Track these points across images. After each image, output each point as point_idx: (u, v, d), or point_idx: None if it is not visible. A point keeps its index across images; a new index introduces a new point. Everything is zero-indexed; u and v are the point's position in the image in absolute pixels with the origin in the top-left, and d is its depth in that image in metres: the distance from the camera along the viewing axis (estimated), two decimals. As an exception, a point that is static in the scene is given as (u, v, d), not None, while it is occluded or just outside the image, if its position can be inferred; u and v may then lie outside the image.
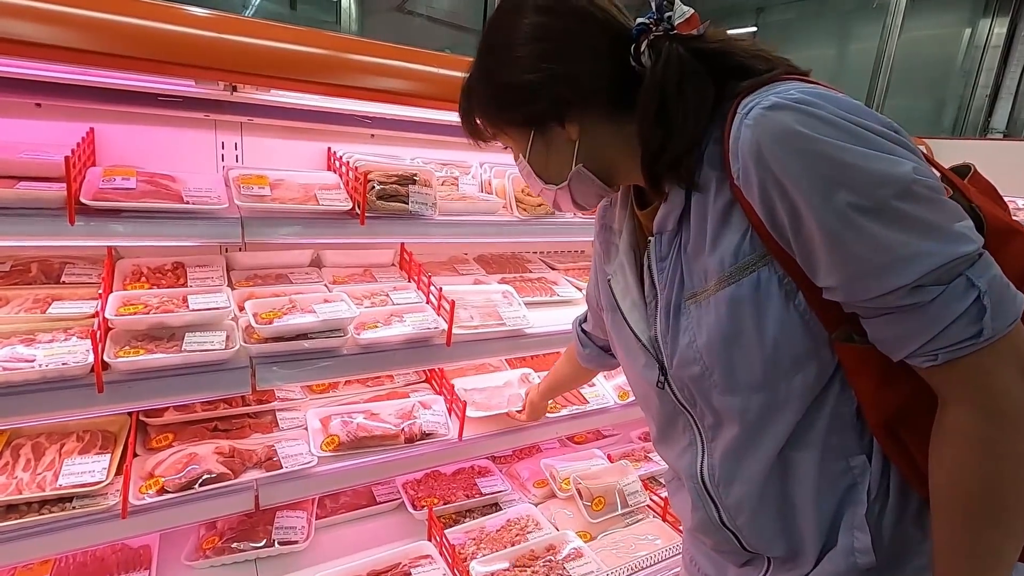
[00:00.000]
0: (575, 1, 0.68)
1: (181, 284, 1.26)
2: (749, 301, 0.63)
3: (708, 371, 0.69)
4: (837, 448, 0.69)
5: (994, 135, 4.26)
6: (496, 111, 0.75)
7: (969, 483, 0.59)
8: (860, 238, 0.54)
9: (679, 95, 0.62)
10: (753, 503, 0.74)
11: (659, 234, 0.72)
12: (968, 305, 0.53)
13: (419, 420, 1.36)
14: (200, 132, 1.39)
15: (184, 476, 1.10)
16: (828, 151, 0.54)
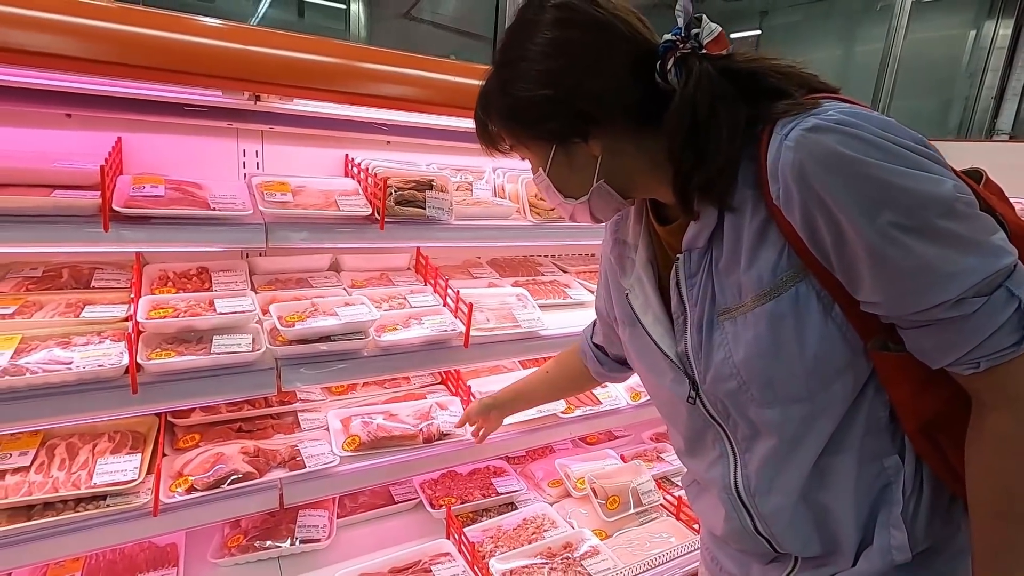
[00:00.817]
0: (597, 13, 0.67)
1: (206, 288, 1.29)
2: (789, 316, 0.65)
3: (745, 386, 0.70)
4: (872, 451, 0.71)
5: (1000, 135, 4.26)
6: (516, 125, 0.74)
7: (1008, 485, 0.61)
8: (905, 257, 0.56)
9: (712, 117, 0.62)
10: (790, 511, 0.75)
11: (689, 251, 0.72)
12: (1010, 315, 0.56)
13: (437, 420, 1.39)
14: (223, 140, 1.43)
15: (212, 475, 1.13)
16: (872, 172, 0.55)
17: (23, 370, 0.94)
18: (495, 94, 0.73)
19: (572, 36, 0.67)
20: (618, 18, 0.67)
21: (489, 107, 0.75)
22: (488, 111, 0.76)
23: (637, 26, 0.68)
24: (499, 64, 0.73)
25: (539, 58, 0.68)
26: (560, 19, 0.67)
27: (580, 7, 0.67)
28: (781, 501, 0.74)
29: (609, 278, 0.94)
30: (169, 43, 1.05)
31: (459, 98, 1.35)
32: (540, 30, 0.68)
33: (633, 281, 0.84)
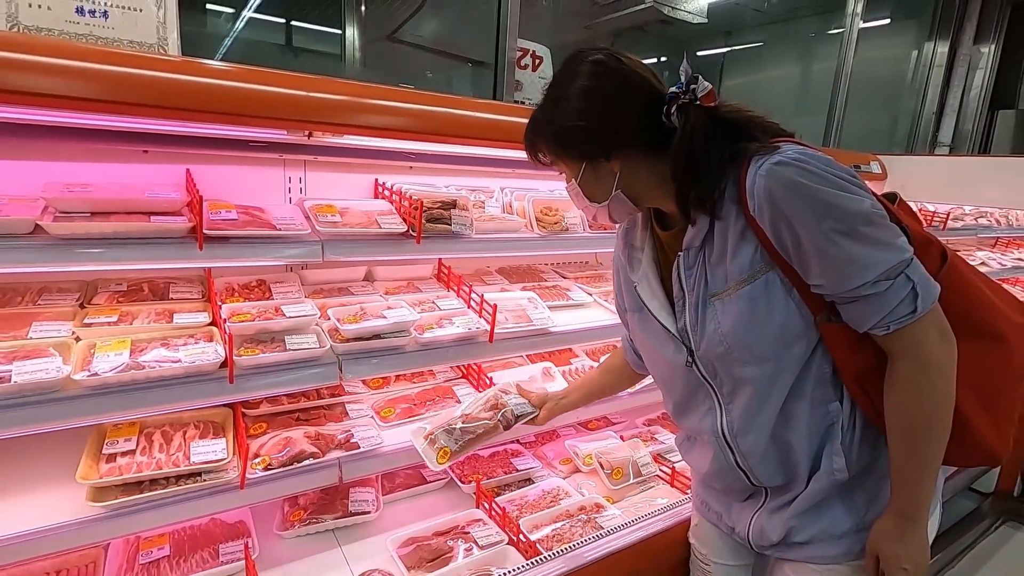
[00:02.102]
0: (620, 69, 0.91)
1: (267, 297, 1.50)
2: (762, 296, 0.91)
3: (730, 350, 0.95)
4: (820, 398, 0.97)
5: (941, 148, 4.70)
6: (557, 146, 0.98)
7: (910, 413, 0.88)
8: (840, 252, 0.82)
9: (704, 153, 0.88)
10: (762, 446, 1.01)
11: (687, 249, 0.98)
12: (907, 292, 0.82)
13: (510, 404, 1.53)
14: (272, 169, 1.64)
15: (285, 455, 1.33)
16: (818, 195, 0.82)
17: (142, 366, 1.14)
18: (543, 123, 0.98)
19: (602, 85, 0.91)
20: (636, 72, 0.92)
21: (537, 131, 1.00)
22: (536, 133, 1.00)
23: (650, 78, 0.92)
24: (547, 100, 0.98)
25: (577, 98, 0.92)
26: (594, 72, 0.91)
27: (610, 63, 0.91)
28: (756, 439, 1.00)
29: (621, 276, 1.18)
30: (245, 92, 1.26)
31: (473, 130, 1.60)
32: (579, 78, 0.92)
33: (641, 275, 1.09)
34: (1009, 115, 4.92)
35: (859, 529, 1.00)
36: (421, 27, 6.98)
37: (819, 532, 1.02)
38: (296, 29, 5.81)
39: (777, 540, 1.07)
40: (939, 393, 0.86)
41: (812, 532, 1.02)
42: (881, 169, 2.99)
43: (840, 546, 1.01)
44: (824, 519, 1.01)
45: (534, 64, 2.51)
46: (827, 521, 1.01)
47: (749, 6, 5.53)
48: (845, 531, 1.01)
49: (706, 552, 1.30)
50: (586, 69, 0.92)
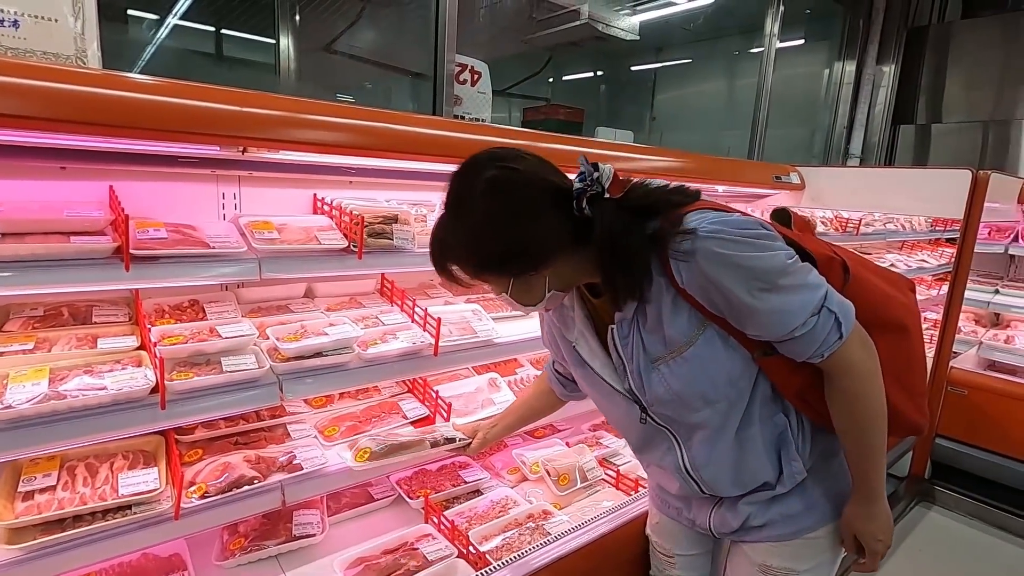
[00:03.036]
0: (520, 180, 0.88)
1: (201, 318, 1.44)
2: (706, 352, 0.97)
3: (683, 403, 1.01)
4: (767, 416, 1.05)
5: (852, 159, 5.10)
6: (478, 272, 0.95)
7: (854, 416, 0.98)
8: (768, 307, 0.89)
9: (626, 246, 0.90)
10: (724, 474, 1.08)
11: (620, 323, 1.02)
12: (832, 323, 0.91)
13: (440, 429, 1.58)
14: (204, 185, 1.59)
15: (223, 481, 1.29)
16: (737, 261, 0.88)
17: (63, 395, 1.08)
18: (457, 249, 0.94)
19: (509, 205, 0.88)
20: (536, 176, 0.90)
21: (451, 256, 0.95)
22: (450, 259, 0.95)
23: (551, 177, 0.92)
24: (454, 222, 0.93)
25: (488, 225, 0.88)
26: (496, 192, 0.88)
27: (507, 178, 0.88)
28: (717, 469, 1.08)
29: (553, 331, 1.21)
30: (176, 107, 1.22)
31: (414, 145, 1.60)
32: (482, 201, 0.88)
33: (577, 335, 1.11)
34: (909, 129, 5.39)
35: (808, 507, 1.10)
36: (359, 38, 6.91)
37: (774, 515, 1.11)
38: (227, 38, 5.62)
39: (737, 527, 1.15)
40: (873, 394, 0.97)
41: (768, 517, 1.11)
42: (800, 179, 3.21)
43: (792, 524, 1.11)
44: (779, 505, 1.10)
45: (473, 79, 2.55)
46: (782, 506, 1.10)
47: (678, 25, 5.81)
48: (797, 512, 1.10)
49: (669, 546, 1.37)
50: (486, 189, 0.88)
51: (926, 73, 5.26)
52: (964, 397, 3.13)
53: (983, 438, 3.09)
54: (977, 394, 3.10)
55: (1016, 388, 3.03)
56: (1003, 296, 3.46)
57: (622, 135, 3.86)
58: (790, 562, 1.12)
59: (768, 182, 3.02)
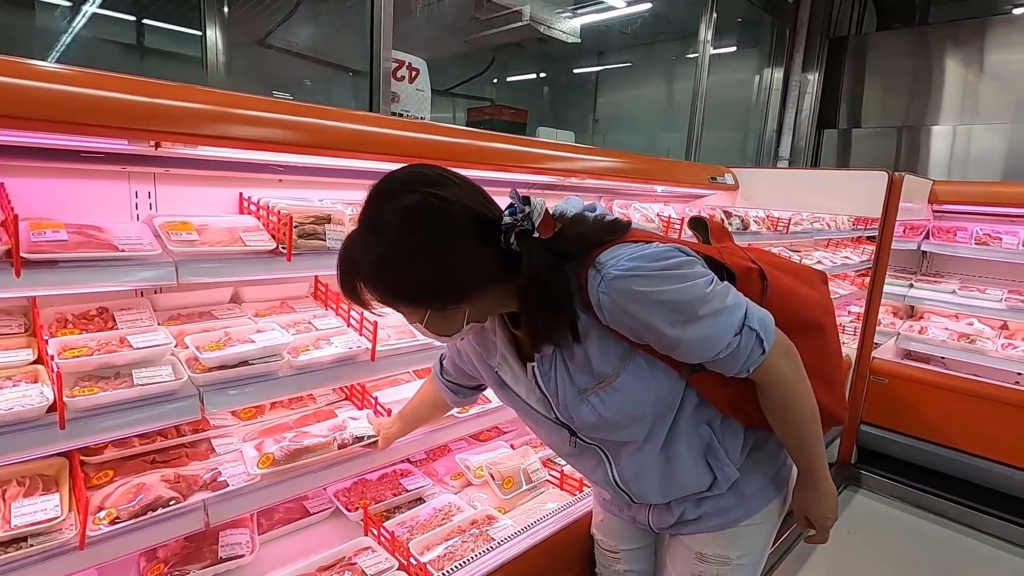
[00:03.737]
0: (442, 211, 0.81)
1: (110, 327, 1.33)
2: (634, 379, 0.97)
3: (613, 426, 1.02)
4: (693, 429, 1.07)
5: (782, 161, 5.35)
6: (395, 302, 0.88)
7: (788, 419, 1.02)
8: (693, 336, 0.90)
9: (551, 292, 0.88)
10: (653, 486, 1.10)
11: (540, 359, 1.01)
12: (754, 340, 0.93)
13: (349, 429, 1.54)
14: (114, 183, 1.47)
15: (137, 504, 1.18)
16: (656, 296, 0.87)
17: (-60, 418, 0.95)
18: (369, 273, 0.85)
19: (430, 236, 0.81)
20: (461, 206, 0.83)
21: (362, 279, 0.86)
22: (356, 277, 0.87)
23: (477, 207, 0.86)
24: (370, 246, 0.84)
25: (406, 257, 0.82)
26: (416, 223, 0.81)
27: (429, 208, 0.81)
28: (646, 481, 1.09)
29: (470, 351, 1.18)
30: (76, 96, 1.12)
31: (347, 142, 1.54)
32: (400, 230, 0.81)
33: (499, 360, 1.09)
34: (832, 134, 5.71)
35: (739, 500, 1.14)
36: (295, 33, 6.66)
37: (708, 508, 1.14)
38: (149, 29, 5.29)
39: (673, 522, 1.18)
40: (801, 396, 1.01)
41: (702, 511, 1.14)
42: (734, 180, 3.33)
43: (725, 516, 1.14)
44: (711, 500, 1.14)
45: (411, 76, 2.49)
46: (713, 500, 1.14)
47: (618, 29, 5.92)
48: (729, 504, 1.14)
49: (613, 542, 1.40)
50: (405, 217, 0.81)
51: (846, 81, 5.59)
52: (885, 385, 3.33)
53: (903, 424, 3.30)
54: (896, 382, 3.30)
55: (930, 376, 3.24)
56: (917, 290, 3.70)
57: (563, 135, 3.88)
58: (724, 549, 1.17)
59: (705, 183, 3.11)
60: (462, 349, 1.23)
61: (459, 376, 1.36)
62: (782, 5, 5.25)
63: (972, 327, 3.53)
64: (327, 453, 1.44)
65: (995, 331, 3.52)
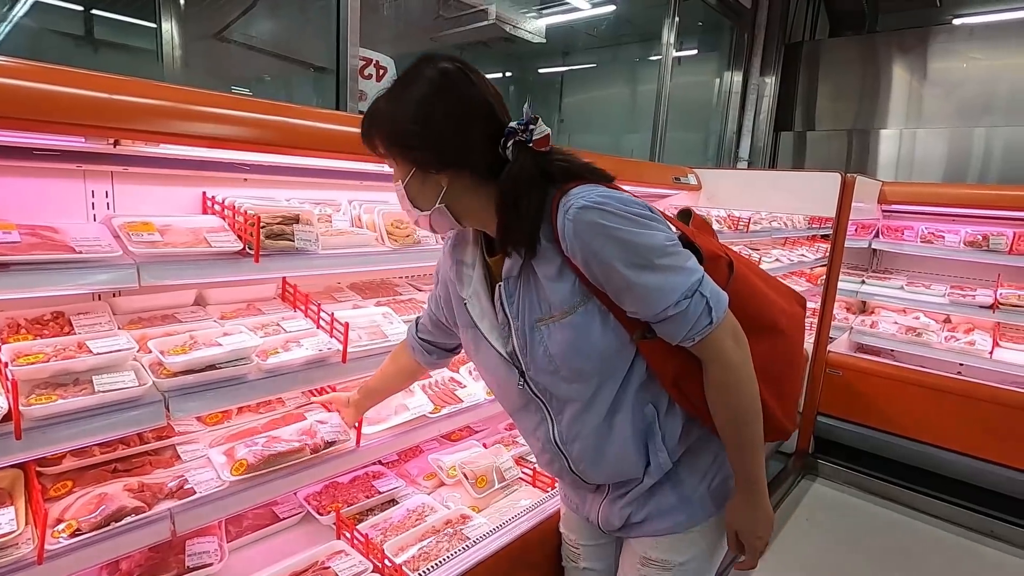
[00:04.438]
0: (465, 88, 0.92)
1: (67, 332, 1.27)
2: (582, 324, 0.98)
3: (557, 370, 1.02)
4: (638, 406, 1.07)
5: (741, 162, 5.52)
6: (391, 145, 0.97)
7: (728, 406, 1.01)
8: (644, 283, 0.91)
9: (527, 196, 0.93)
10: (589, 453, 1.10)
11: (506, 279, 1.03)
12: (703, 307, 0.94)
13: (320, 433, 1.52)
14: (68, 182, 1.41)
15: (99, 515, 1.14)
16: (617, 234, 0.90)
17: None
18: (382, 115, 0.96)
19: (444, 99, 0.92)
20: (481, 96, 0.93)
21: (375, 121, 0.98)
22: (373, 123, 0.98)
23: (494, 104, 0.94)
24: (392, 92, 0.96)
25: (417, 104, 0.92)
26: (439, 84, 0.91)
27: (456, 79, 0.92)
28: (582, 446, 1.09)
29: (450, 290, 1.20)
30: (28, 91, 1.07)
31: (314, 141, 1.52)
32: (424, 84, 0.92)
33: (471, 293, 1.12)
34: (788, 136, 5.93)
35: (682, 502, 1.14)
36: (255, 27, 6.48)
37: (652, 510, 1.14)
38: (99, 19, 5.07)
39: (620, 525, 1.19)
40: (744, 385, 0.99)
41: (646, 512, 1.15)
42: (697, 181, 3.42)
43: (669, 519, 1.14)
44: (655, 500, 1.14)
45: (378, 74, 2.46)
46: (658, 501, 1.14)
47: (583, 30, 5.99)
48: (672, 506, 1.14)
49: (574, 537, 1.41)
50: (433, 76, 0.92)
51: (801, 85, 5.81)
52: (840, 377, 3.48)
53: (857, 414, 3.45)
54: (850, 374, 3.45)
55: (880, 367, 3.41)
56: (868, 286, 3.88)
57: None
58: (666, 554, 1.16)
59: (669, 183, 3.18)
60: (441, 293, 1.25)
61: (435, 332, 1.35)
62: (741, 11, 5.41)
63: (918, 321, 3.72)
64: (301, 458, 1.42)
65: (939, 324, 3.72)
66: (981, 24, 5.15)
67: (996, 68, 5.02)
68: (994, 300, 3.34)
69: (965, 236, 3.54)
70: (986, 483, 3.05)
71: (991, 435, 3.03)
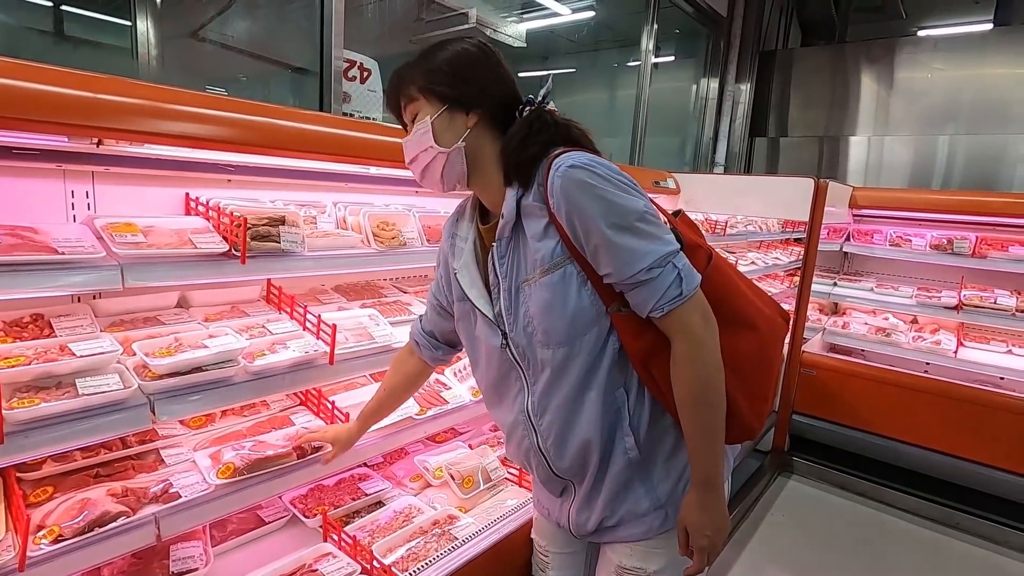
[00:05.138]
0: (496, 58, 1.08)
1: (48, 335, 1.25)
2: (559, 285, 1.02)
3: (535, 330, 1.06)
4: (609, 386, 1.07)
5: (718, 167, 5.63)
6: (425, 82, 1.06)
7: (690, 384, 1.00)
8: (621, 243, 0.95)
9: (536, 133, 1.04)
10: (557, 428, 1.10)
11: (499, 239, 1.08)
12: (674, 278, 0.97)
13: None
14: (47, 181, 1.38)
15: (82, 520, 1.12)
16: (601, 194, 0.95)
17: None
18: (418, 64, 1.07)
19: (479, 57, 1.06)
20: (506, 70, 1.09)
21: (411, 67, 1.08)
22: (410, 68, 1.08)
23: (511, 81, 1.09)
24: (424, 54, 1.07)
25: (455, 55, 1.05)
26: (475, 48, 1.06)
27: (488, 50, 1.07)
28: (551, 419, 1.10)
29: (446, 265, 1.25)
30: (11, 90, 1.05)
31: (301, 142, 1.52)
32: (461, 45, 1.06)
33: (462, 264, 1.17)
34: (763, 142, 6.06)
35: (656, 507, 1.12)
36: (232, 26, 6.38)
37: (625, 514, 1.13)
38: (69, 15, 4.94)
39: (593, 528, 1.17)
40: (709, 364, 0.99)
41: (620, 515, 1.13)
42: (675, 185, 3.48)
43: (643, 524, 1.13)
44: (627, 502, 1.12)
45: (362, 76, 2.46)
46: (630, 503, 1.12)
47: (563, 35, 6.04)
48: (645, 510, 1.12)
49: (544, 544, 1.38)
50: (465, 44, 1.06)
51: (774, 92, 5.95)
52: (814, 377, 3.57)
53: (830, 412, 3.55)
54: (823, 373, 3.55)
55: (852, 367, 3.51)
56: (840, 288, 4.00)
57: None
58: (641, 562, 1.15)
59: (649, 187, 3.24)
60: (441, 272, 1.29)
61: (437, 320, 1.34)
62: (717, 19, 5.52)
63: (888, 322, 3.84)
64: (289, 462, 1.41)
65: (907, 325, 3.85)
66: (944, 36, 5.36)
67: (958, 79, 5.22)
68: (958, 301, 3.47)
69: (931, 240, 3.68)
70: (951, 476, 3.17)
71: (955, 431, 3.15)
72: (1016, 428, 2.98)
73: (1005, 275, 3.50)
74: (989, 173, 5.13)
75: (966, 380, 3.21)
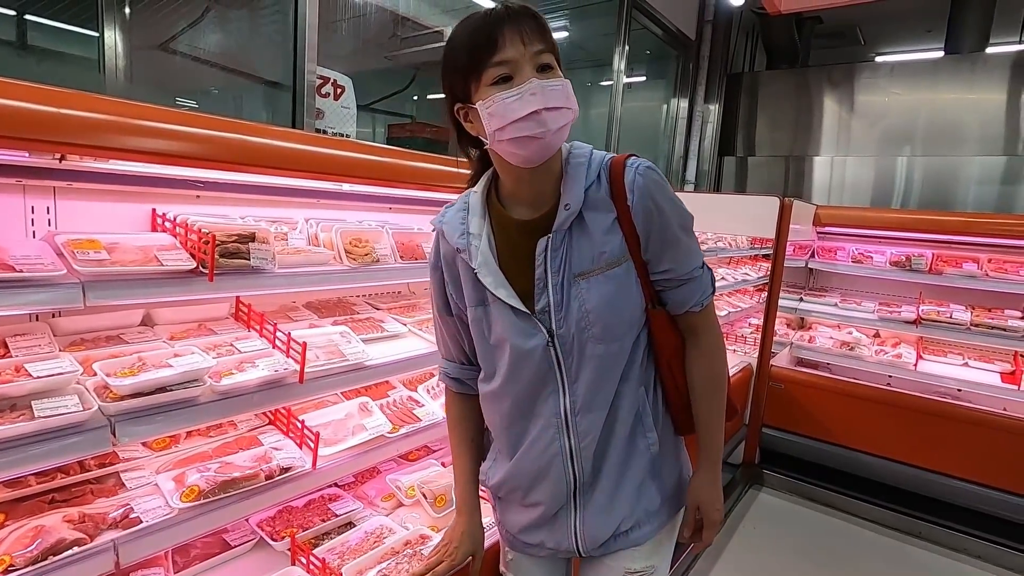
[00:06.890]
0: None
1: (2, 355, 1.21)
2: (622, 279, 1.06)
3: (591, 327, 1.05)
4: (636, 383, 1.12)
5: (688, 185, 5.77)
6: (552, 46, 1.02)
7: (714, 372, 1.16)
8: (685, 242, 1.08)
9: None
10: (598, 426, 1.09)
11: (556, 231, 1.04)
12: (710, 277, 1.12)
13: (276, 460, 1.48)
14: (7, 197, 1.34)
15: (35, 549, 1.08)
16: (672, 197, 1.06)
17: None
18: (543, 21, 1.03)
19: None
20: None
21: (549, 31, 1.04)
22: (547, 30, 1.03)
23: None
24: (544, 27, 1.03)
25: None
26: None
27: None
28: (595, 417, 1.08)
29: (458, 271, 1.14)
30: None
31: (273, 159, 1.50)
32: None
33: (480, 263, 1.08)
34: (731, 160, 6.24)
35: (664, 500, 1.17)
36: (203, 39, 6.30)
37: (642, 514, 1.13)
38: (33, 25, 4.82)
39: (608, 536, 1.12)
40: (723, 353, 1.18)
41: (637, 516, 1.13)
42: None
43: (655, 520, 1.15)
44: (644, 500, 1.13)
45: (336, 93, 2.46)
46: (646, 502, 1.13)
47: (536, 54, 6.15)
48: (657, 506, 1.15)
49: None
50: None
51: (742, 113, 6.15)
52: (782, 391, 3.65)
53: (798, 425, 3.63)
54: (792, 387, 3.63)
55: (819, 380, 3.60)
56: (806, 303, 4.11)
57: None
58: (648, 559, 1.15)
59: (621, 204, 3.29)
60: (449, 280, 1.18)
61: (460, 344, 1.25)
62: (686, 42, 5.69)
63: (851, 336, 3.96)
64: (256, 484, 1.38)
65: (870, 339, 3.97)
66: (900, 62, 5.62)
67: (914, 103, 5.47)
68: (917, 315, 3.60)
69: (891, 256, 3.82)
70: (912, 487, 3.27)
71: (915, 442, 3.25)
72: (972, 439, 3.09)
73: (960, 291, 3.65)
74: (945, 193, 5.38)
75: (926, 392, 3.33)
